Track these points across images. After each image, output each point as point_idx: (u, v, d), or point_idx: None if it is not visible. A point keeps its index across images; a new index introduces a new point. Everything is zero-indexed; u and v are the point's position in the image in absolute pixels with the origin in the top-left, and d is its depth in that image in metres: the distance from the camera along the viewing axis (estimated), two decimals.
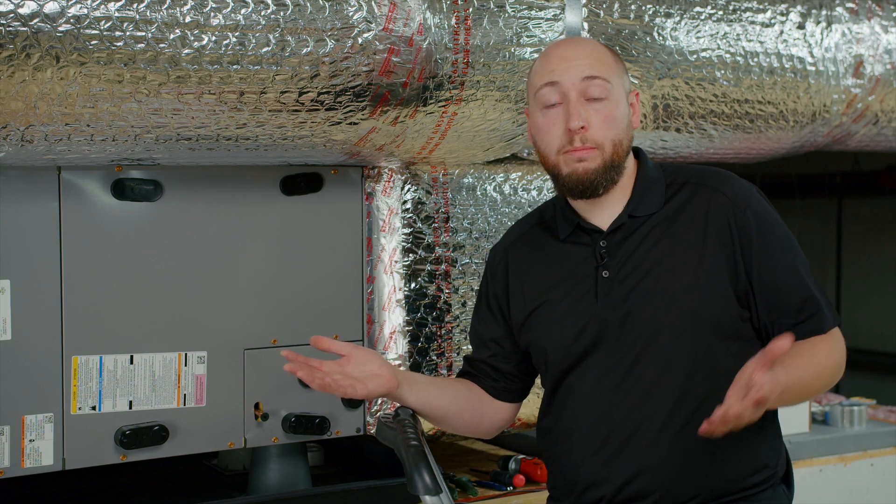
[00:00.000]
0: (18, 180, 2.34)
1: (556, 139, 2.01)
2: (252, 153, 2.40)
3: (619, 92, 2.03)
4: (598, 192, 2.01)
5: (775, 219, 2.03)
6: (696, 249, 1.99)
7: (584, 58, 2.02)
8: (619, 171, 2.03)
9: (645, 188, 2.06)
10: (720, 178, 2.05)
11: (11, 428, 2.33)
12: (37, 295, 2.35)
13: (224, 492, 2.76)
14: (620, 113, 2.02)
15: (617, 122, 2.01)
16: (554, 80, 2.01)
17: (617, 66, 2.05)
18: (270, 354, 2.59)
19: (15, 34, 1.93)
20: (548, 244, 2.13)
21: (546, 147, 2.04)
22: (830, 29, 3.09)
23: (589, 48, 2.06)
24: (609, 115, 2.00)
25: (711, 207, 2.01)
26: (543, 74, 2.04)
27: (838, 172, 8.36)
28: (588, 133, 1.98)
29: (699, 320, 1.97)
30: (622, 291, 2.00)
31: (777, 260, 1.99)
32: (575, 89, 1.99)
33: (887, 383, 7.63)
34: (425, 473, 1.87)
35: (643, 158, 2.11)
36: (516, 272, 2.16)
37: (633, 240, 2.03)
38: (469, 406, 2.20)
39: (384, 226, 2.70)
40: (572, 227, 2.09)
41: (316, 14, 2.18)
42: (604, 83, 2.00)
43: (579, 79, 2.00)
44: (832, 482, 3.46)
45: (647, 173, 2.08)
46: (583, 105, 1.99)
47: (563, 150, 2.00)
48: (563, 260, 2.09)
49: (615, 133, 2.00)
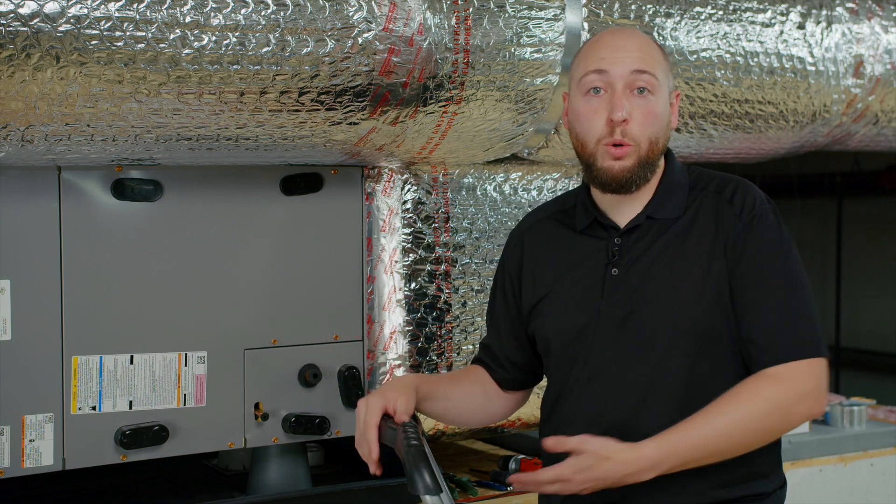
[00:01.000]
0: (18, 180, 2.34)
1: (596, 128, 1.99)
2: (252, 153, 2.40)
3: (664, 90, 2.01)
4: (630, 189, 2.00)
5: (776, 238, 1.98)
6: (704, 260, 1.97)
7: (635, 50, 1.99)
8: (653, 170, 2.01)
9: (667, 191, 2.04)
10: (735, 188, 2.02)
11: (11, 428, 2.33)
12: (37, 295, 2.36)
13: (224, 492, 2.76)
14: (661, 110, 2.00)
15: (657, 120, 1.99)
16: (603, 67, 1.98)
17: (664, 64, 2.03)
18: (270, 354, 2.60)
19: (15, 34, 1.93)
20: (564, 234, 2.12)
21: (585, 135, 2.01)
22: (830, 29, 3.09)
23: (641, 41, 2.03)
24: (651, 112, 1.98)
25: (721, 218, 1.99)
26: (592, 61, 2.00)
27: (838, 172, 8.36)
28: (628, 127, 1.96)
29: (697, 330, 1.96)
30: (627, 291, 2.00)
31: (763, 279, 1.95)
32: (622, 80, 1.97)
33: (887, 383, 7.63)
34: (425, 473, 1.87)
35: (671, 159, 2.09)
36: (531, 258, 2.16)
37: (647, 242, 2.02)
38: (476, 405, 2.21)
39: (384, 226, 2.70)
40: (590, 220, 2.08)
41: (316, 14, 2.18)
42: (651, 78, 1.98)
43: (628, 71, 1.97)
44: (832, 482, 3.46)
45: (672, 176, 2.05)
46: (628, 98, 1.97)
47: (603, 141, 1.98)
48: (576, 251, 2.08)
49: (654, 130, 1.98)
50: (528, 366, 2.20)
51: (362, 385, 2.69)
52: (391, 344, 2.71)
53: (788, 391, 1.90)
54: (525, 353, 2.19)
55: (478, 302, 2.78)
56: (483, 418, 2.27)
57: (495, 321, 2.23)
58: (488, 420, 2.28)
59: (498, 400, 2.23)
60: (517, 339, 2.19)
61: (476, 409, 2.22)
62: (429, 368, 2.73)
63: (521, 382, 2.23)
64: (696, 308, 1.96)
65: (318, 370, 2.63)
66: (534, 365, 2.20)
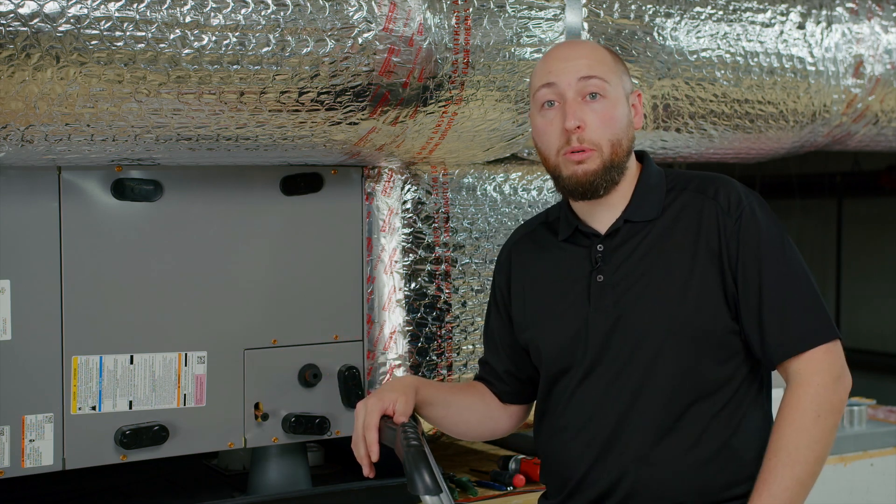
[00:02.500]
0: (18, 180, 2.33)
1: (554, 140, 2.01)
2: (252, 153, 2.40)
3: (618, 92, 2.02)
4: (598, 192, 2.01)
5: (770, 229, 1.99)
6: (687, 259, 1.98)
7: (580, 58, 2.01)
8: (620, 172, 2.02)
9: (644, 194, 2.05)
10: (717, 185, 2.03)
11: (11, 428, 2.33)
12: (37, 295, 2.35)
13: (224, 492, 2.75)
14: (619, 113, 2.01)
15: (615, 122, 2.00)
16: (551, 80, 2.01)
17: (616, 66, 2.04)
18: (270, 354, 2.59)
19: (15, 34, 1.93)
20: (550, 244, 2.14)
21: (546, 148, 2.04)
22: (830, 29, 3.09)
23: (586, 49, 2.06)
24: (607, 115, 1.99)
25: (704, 216, 1.99)
26: (541, 76, 2.04)
27: (838, 172, 8.37)
28: (585, 133, 1.97)
29: (684, 331, 1.96)
30: (614, 296, 2.00)
31: (763, 272, 1.95)
32: (571, 89, 1.99)
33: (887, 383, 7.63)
34: (425, 473, 1.87)
35: (647, 163, 2.09)
36: (519, 271, 2.17)
37: (629, 246, 2.02)
38: (477, 416, 2.22)
39: (384, 226, 2.70)
40: (572, 230, 2.09)
41: (316, 14, 2.18)
42: (601, 82, 1.99)
43: (576, 79, 1.99)
44: (832, 482, 3.45)
45: (648, 179, 2.06)
46: (579, 105, 1.98)
47: (562, 152, 2.00)
48: (562, 261, 2.10)
49: (613, 133, 1.99)
50: (528, 378, 2.21)
51: (362, 385, 2.69)
52: (391, 344, 2.71)
53: (820, 386, 1.93)
54: (523, 365, 2.19)
55: (478, 302, 2.78)
56: (483, 431, 2.27)
57: (492, 336, 2.24)
58: (488, 433, 2.28)
59: (499, 413, 2.23)
60: (514, 353, 2.19)
61: (476, 420, 2.22)
62: (429, 368, 2.73)
63: (522, 395, 2.23)
64: (681, 307, 1.96)
65: (318, 370, 2.63)
66: (533, 376, 2.20)
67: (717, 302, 1.96)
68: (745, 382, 2.00)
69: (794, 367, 1.95)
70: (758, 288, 1.95)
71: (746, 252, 1.96)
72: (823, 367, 1.94)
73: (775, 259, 1.97)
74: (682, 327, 1.96)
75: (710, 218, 1.99)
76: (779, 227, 2.01)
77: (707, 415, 1.97)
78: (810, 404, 1.92)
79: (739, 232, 1.96)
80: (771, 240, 1.98)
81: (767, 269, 1.96)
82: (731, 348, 1.99)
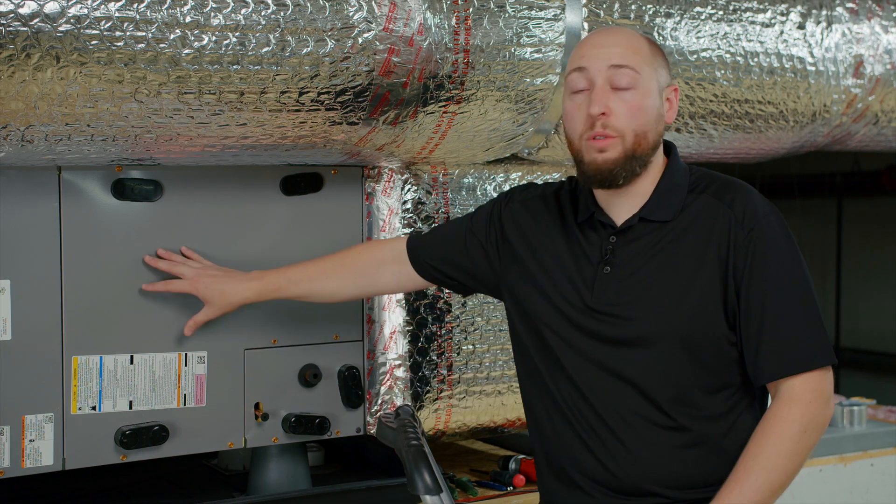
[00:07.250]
0: (18, 180, 2.34)
1: (579, 124, 2.00)
2: (252, 153, 2.40)
3: (650, 84, 1.99)
4: (617, 182, 1.99)
5: (781, 247, 1.96)
6: (693, 265, 1.97)
7: (615, 45, 2.00)
8: (642, 164, 2.00)
9: (665, 192, 2.03)
10: (735, 193, 2.01)
11: (11, 428, 2.33)
12: (37, 295, 2.35)
13: (224, 492, 2.75)
14: (649, 105, 1.99)
15: (643, 114, 1.98)
16: (583, 65, 2.00)
17: (652, 58, 2.02)
18: (270, 354, 2.60)
19: (15, 34, 1.93)
20: (566, 218, 2.13)
21: (571, 132, 2.03)
22: (830, 29, 3.09)
23: (623, 36, 2.03)
24: (635, 106, 1.97)
25: (718, 223, 1.97)
26: (575, 60, 2.03)
27: (838, 172, 8.37)
28: (610, 120, 1.96)
29: (679, 335, 1.96)
30: (616, 291, 2.00)
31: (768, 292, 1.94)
32: (601, 76, 1.98)
33: (887, 383, 7.64)
34: (425, 473, 1.88)
35: (673, 158, 2.08)
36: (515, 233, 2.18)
37: (640, 244, 2.02)
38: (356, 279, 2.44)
39: (384, 226, 2.70)
40: (588, 215, 2.09)
41: (316, 14, 2.18)
42: (632, 73, 1.97)
43: (606, 66, 1.98)
44: (832, 482, 3.46)
45: (672, 176, 2.05)
46: (606, 92, 1.97)
47: (585, 136, 1.99)
48: (574, 242, 2.09)
49: (640, 124, 1.97)
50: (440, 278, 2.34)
51: (362, 385, 2.69)
52: (391, 344, 2.71)
53: (811, 404, 1.93)
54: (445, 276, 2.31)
55: (478, 302, 2.78)
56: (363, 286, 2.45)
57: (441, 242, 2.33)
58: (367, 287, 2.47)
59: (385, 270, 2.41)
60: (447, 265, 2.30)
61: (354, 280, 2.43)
62: (429, 368, 2.73)
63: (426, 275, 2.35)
64: (678, 312, 1.96)
65: (318, 370, 2.63)
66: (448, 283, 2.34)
67: (715, 310, 1.96)
68: (739, 389, 2.00)
69: (786, 384, 1.94)
70: (760, 307, 1.94)
71: (754, 267, 1.95)
72: (816, 388, 1.94)
73: (782, 279, 1.95)
74: (676, 332, 1.96)
75: (722, 226, 1.97)
76: (792, 245, 1.98)
77: (698, 416, 1.98)
78: (800, 418, 1.92)
79: (750, 245, 1.95)
80: (781, 258, 1.96)
81: (773, 289, 1.94)
82: (725, 357, 1.98)
